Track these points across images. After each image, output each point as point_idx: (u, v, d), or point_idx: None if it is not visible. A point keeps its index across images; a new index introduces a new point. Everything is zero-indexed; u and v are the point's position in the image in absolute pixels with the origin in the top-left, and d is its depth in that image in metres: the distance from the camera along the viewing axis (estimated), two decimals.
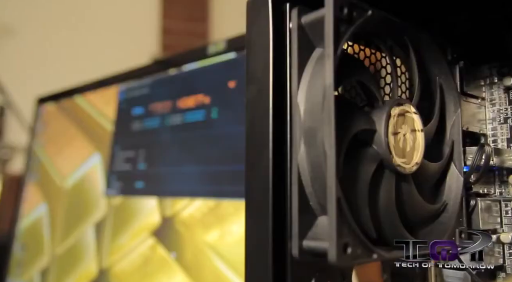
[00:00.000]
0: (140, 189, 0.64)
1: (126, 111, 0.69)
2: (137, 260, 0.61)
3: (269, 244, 0.24)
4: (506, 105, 0.34)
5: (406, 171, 0.27)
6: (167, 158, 0.62)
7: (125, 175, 0.67)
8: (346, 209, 0.22)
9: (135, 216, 0.64)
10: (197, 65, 0.61)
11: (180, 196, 0.59)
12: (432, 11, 0.29)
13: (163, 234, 0.59)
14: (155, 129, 0.65)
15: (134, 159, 0.66)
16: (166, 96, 0.64)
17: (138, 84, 0.69)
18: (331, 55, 0.23)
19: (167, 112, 0.64)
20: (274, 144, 0.24)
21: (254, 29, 0.26)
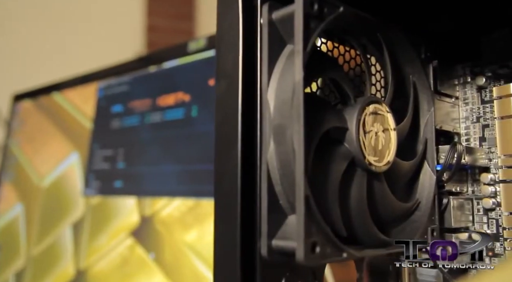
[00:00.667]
0: (119, 188, 0.63)
1: (105, 109, 0.68)
2: (115, 260, 0.60)
3: (237, 244, 0.23)
4: (478, 104, 0.34)
5: (378, 169, 0.27)
6: (147, 156, 0.61)
7: (103, 174, 0.66)
8: (314, 207, 0.22)
9: (113, 216, 0.63)
10: (177, 62, 0.60)
11: (159, 196, 0.58)
12: (406, 10, 0.29)
13: (142, 234, 0.58)
14: (135, 128, 0.64)
15: (113, 158, 0.65)
16: (146, 94, 0.63)
17: (117, 81, 0.67)
18: (301, 51, 0.22)
19: (147, 110, 0.63)
20: (243, 141, 0.24)
21: (224, 24, 0.25)
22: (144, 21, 1.62)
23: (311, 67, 0.25)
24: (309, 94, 0.26)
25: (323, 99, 0.27)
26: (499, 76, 0.32)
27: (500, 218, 0.31)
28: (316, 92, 0.28)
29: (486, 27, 0.30)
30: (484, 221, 0.33)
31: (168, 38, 1.61)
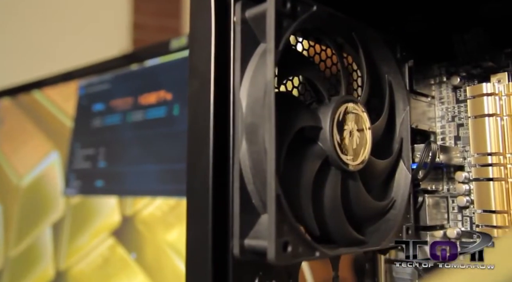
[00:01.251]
0: (100, 188, 0.63)
1: (86, 108, 0.67)
2: (96, 261, 0.60)
3: (209, 243, 0.23)
4: (454, 104, 0.34)
5: (352, 168, 0.27)
6: (128, 155, 0.61)
7: (84, 173, 0.65)
8: (286, 206, 0.22)
9: (94, 216, 0.62)
10: (159, 60, 0.60)
11: (141, 195, 0.57)
12: (380, 10, 0.29)
13: (123, 234, 0.58)
14: (116, 126, 0.63)
15: (94, 157, 0.64)
16: (127, 92, 0.63)
17: (98, 79, 0.66)
18: (272, 50, 0.22)
19: (128, 109, 0.62)
20: (215, 140, 0.23)
21: (197, 23, 0.25)
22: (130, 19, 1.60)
23: (284, 66, 0.25)
24: (282, 93, 0.26)
25: (296, 98, 0.27)
26: (473, 76, 0.33)
27: (473, 215, 0.32)
28: (292, 91, 0.28)
29: (460, 27, 0.30)
30: (458, 219, 0.33)
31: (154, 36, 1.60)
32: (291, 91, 0.28)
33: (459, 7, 0.29)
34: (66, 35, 1.37)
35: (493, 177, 0.29)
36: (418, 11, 0.30)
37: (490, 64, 0.31)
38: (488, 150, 0.30)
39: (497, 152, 0.29)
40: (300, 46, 0.29)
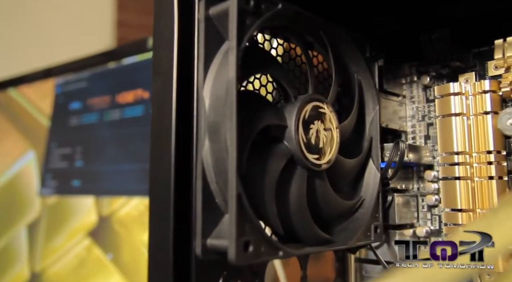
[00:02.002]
0: (77, 188, 0.62)
1: (63, 106, 0.66)
2: (72, 262, 0.59)
3: (170, 243, 0.23)
4: (424, 103, 0.34)
5: (318, 167, 0.27)
6: (105, 155, 0.60)
7: (61, 173, 0.64)
8: (247, 205, 0.22)
9: (70, 216, 0.61)
10: (137, 59, 0.59)
11: (118, 195, 0.57)
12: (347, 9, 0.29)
13: (100, 234, 0.57)
14: (93, 125, 0.62)
15: (70, 156, 0.63)
16: (105, 90, 0.62)
17: (75, 77, 0.65)
18: (234, 47, 0.22)
19: (106, 107, 0.61)
20: (177, 139, 0.23)
21: (160, 20, 0.25)
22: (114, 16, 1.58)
23: (249, 64, 0.25)
24: (246, 92, 0.26)
25: (261, 96, 0.27)
26: (442, 76, 0.33)
27: (442, 214, 0.32)
28: (259, 89, 0.28)
29: (427, 27, 0.30)
30: (428, 218, 0.34)
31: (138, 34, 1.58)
32: (258, 89, 0.28)
33: (425, 8, 0.29)
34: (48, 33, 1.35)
35: (460, 176, 0.30)
36: (385, 11, 0.30)
37: (457, 64, 0.31)
38: (455, 149, 0.30)
39: (463, 151, 0.30)
40: (268, 45, 0.29)
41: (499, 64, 0.29)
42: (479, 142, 0.29)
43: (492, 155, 0.29)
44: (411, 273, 0.18)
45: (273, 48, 0.29)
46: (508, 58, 0.28)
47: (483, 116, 0.29)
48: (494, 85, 0.29)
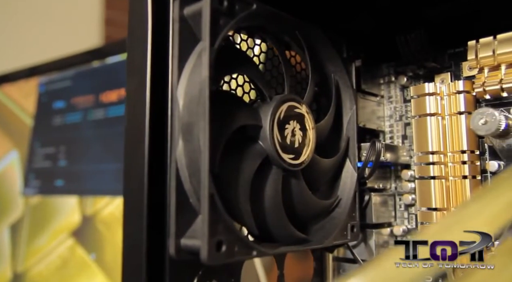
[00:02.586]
0: (60, 188, 0.61)
1: (46, 105, 0.65)
2: (55, 262, 0.58)
3: (143, 243, 0.23)
4: (401, 103, 0.35)
5: (294, 167, 0.27)
6: (89, 154, 0.59)
7: (44, 172, 0.63)
8: (221, 205, 0.22)
9: (54, 216, 0.60)
10: (121, 58, 0.59)
11: (101, 194, 0.56)
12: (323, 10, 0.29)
13: (83, 234, 0.57)
14: (77, 125, 0.62)
15: (54, 156, 0.63)
16: (89, 89, 0.61)
17: (59, 76, 0.65)
18: (207, 48, 0.22)
19: (90, 107, 0.61)
20: (151, 139, 0.23)
21: (134, 20, 0.25)
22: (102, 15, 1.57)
23: (223, 64, 0.25)
24: (221, 91, 0.26)
25: (236, 96, 0.27)
26: (419, 76, 0.34)
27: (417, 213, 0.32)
28: (236, 89, 0.28)
29: (403, 28, 0.30)
30: (405, 217, 0.34)
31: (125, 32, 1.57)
32: (235, 89, 0.28)
33: (401, 9, 0.30)
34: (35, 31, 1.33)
35: (434, 175, 0.30)
36: (361, 12, 0.30)
37: (433, 65, 0.32)
38: (430, 149, 0.30)
39: (438, 150, 0.30)
40: (245, 45, 0.29)
41: (472, 65, 0.29)
42: (454, 141, 0.30)
43: (466, 154, 0.29)
44: (378, 270, 0.18)
45: (250, 48, 0.29)
46: (481, 59, 0.28)
47: (457, 116, 0.30)
48: (468, 85, 0.30)
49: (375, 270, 0.19)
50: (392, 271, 0.19)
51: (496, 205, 0.20)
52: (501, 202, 0.20)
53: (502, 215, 0.20)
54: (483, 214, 0.20)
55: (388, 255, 0.19)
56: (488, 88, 0.29)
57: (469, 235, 0.20)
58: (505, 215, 0.20)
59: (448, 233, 0.20)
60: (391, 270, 0.19)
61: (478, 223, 0.20)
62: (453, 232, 0.20)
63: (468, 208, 0.21)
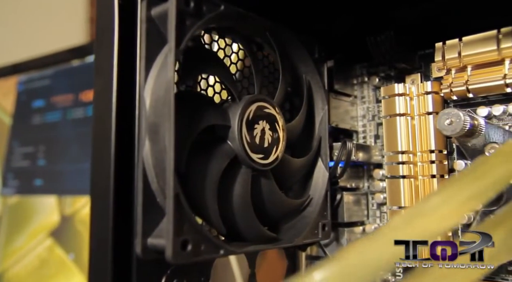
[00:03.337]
0: (39, 187, 0.61)
1: (25, 104, 0.65)
2: (33, 262, 0.58)
3: (109, 242, 0.23)
4: (374, 103, 0.35)
5: (263, 166, 0.27)
6: (68, 154, 0.59)
7: (23, 172, 0.62)
8: (186, 205, 0.22)
9: (32, 216, 0.60)
10: None
11: (81, 194, 0.56)
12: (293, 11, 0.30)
13: (62, 234, 0.56)
14: (56, 124, 0.61)
15: (33, 155, 0.62)
16: (68, 88, 0.61)
17: (38, 75, 0.64)
18: (173, 48, 0.22)
19: (69, 106, 0.60)
20: (118, 139, 0.23)
21: (102, 19, 0.25)
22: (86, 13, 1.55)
23: (191, 64, 0.25)
24: (189, 92, 0.26)
25: (204, 96, 0.27)
26: (391, 77, 0.34)
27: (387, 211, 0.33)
28: (206, 89, 0.28)
29: (373, 29, 0.31)
30: (377, 215, 0.35)
31: None
32: (206, 89, 0.28)
33: (371, 10, 0.30)
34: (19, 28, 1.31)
35: (404, 175, 0.31)
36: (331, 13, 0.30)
37: (403, 66, 0.32)
38: (399, 149, 0.31)
39: (408, 150, 0.31)
40: (216, 45, 0.29)
41: (440, 66, 0.30)
42: (422, 141, 0.30)
43: (434, 154, 0.30)
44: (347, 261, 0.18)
45: (221, 49, 0.29)
46: (448, 61, 0.29)
47: (425, 116, 0.30)
48: (436, 86, 0.30)
49: (340, 262, 0.19)
50: (355, 263, 0.19)
51: (457, 199, 0.20)
52: (463, 195, 0.20)
53: (462, 207, 0.20)
54: (444, 207, 0.20)
55: (353, 248, 0.20)
56: (454, 89, 0.29)
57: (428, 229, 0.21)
58: (466, 208, 0.21)
59: (409, 225, 0.20)
60: (355, 262, 0.19)
61: (439, 216, 0.20)
62: (414, 224, 0.20)
63: (429, 201, 0.21)
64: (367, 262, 0.19)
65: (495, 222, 0.22)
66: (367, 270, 0.19)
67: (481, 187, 0.20)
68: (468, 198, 0.20)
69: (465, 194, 0.20)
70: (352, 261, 0.19)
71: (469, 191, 0.20)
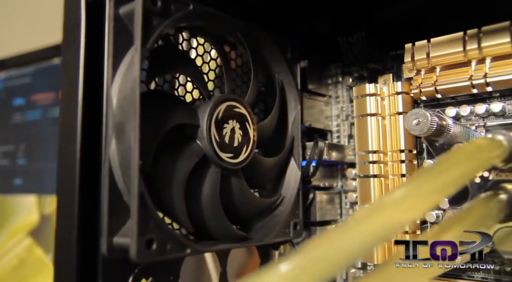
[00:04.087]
0: (19, 186, 0.60)
1: (5, 102, 0.64)
2: (12, 262, 0.57)
3: (74, 241, 0.23)
4: (348, 103, 0.36)
5: (233, 166, 0.27)
6: (49, 152, 0.58)
7: (2, 171, 0.62)
8: (151, 204, 0.22)
9: (11, 215, 0.59)
10: None
11: None
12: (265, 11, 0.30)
13: (41, 233, 0.56)
14: (37, 122, 0.61)
15: (13, 154, 0.62)
16: (49, 86, 0.61)
17: (19, 73, 0.63)
18: (139, 48, 0.22)
19: (50, 104, 0.60)
20: (83, 138, 0.23)
21: (69, 17, 0.24)
22: None
23: (160, 63, 0.25)
24: (157, 91, 0.26)
25: (173, 95, 0.27)
26: (363, 77, 0.34)
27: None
28: (177, 88, 0.28)
29: (345, 30, 0.31)
30: (350, 214, 0.35)
31: None
32: (177, 89, 0.28)
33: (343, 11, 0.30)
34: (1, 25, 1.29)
35: (375, 174, 0.31)
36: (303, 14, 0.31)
37: (374, 66, 0.32)
38: (370, 148, 0.31)
39: (378, 150, 0.31)
40: (188, 45, 0.29)
41: (409, 67, 0.30)
42: (393, 141, 0.31)
43: (404, 153, 0.30)
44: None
45: (193, 48, 0.29)
46: (417, 62, 0.29)
47: (396, 116, 0.31)
48: (406, 87, 0.31)
49: (305, 254, 0.19)
50: (321, 255, 0.19)
51: (420, 193, 0.21)
52: (425, 189, 0.21)
53: (424, 201, 0.21)
54: (407, 200, 0.21)
55: (318, 240, 0.20)
56: (423, 90, 0.30)
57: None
58: (428, 201, 0.21)
59: (372, 217, 0.21)
60: (320, 254, 0.19)
61: (401, 208, 0.20)
62: (376, 216, 0.21)
63: (393, 195, 0.21)
64: (332, 253, 0.19)
65: (455, 219, 0.22)
66: (332, 261, 0.19)
67: (443, 182, 0.21)
68: (430, 192, 0.21)
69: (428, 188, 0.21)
70: (317, 253, 0.19)
71: (431, 186, 0.21)
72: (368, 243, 0.19)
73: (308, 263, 0.19)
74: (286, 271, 0.18)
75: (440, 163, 0.22)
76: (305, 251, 0.19)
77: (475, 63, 0.28)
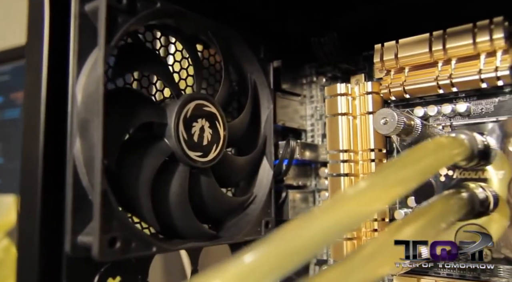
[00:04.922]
0: None
1: None
2: None
3: (36, 240, 0.22)
4: (322, 103, 0.36)
5: (202, 164, 0.27)
6: None
7: None
8: (115, 202, 0.22)
9: None
10: None
11: None
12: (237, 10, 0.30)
13: None
14: (16, 121, 0.60)
15: None
16: None
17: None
18: (103, 45, 0.22)
19: None
20: (47, 136, 0.23)
21: (33, 13, 0.24)
22: None
23: (127, 61, 0.25)
24: (124, 89, 0.26)
25: (140, 94, 0.27)
26: (337, 77, 0.35)
27: None
28: (147, 87, 0.28)
29: (316, 31, 0.31)
30: None
31: None
32: (147, 87, 0.28)
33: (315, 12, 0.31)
34: None
35: (346, 173, 0.31)
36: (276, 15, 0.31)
37: (346, 66, 0.33)
38: (341, 147, 0.31)
39: (349, 149, 0.31)
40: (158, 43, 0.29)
41: (379, 67, 0.30)
42: (363, 140, 0.31)
43: (374, 152, 0.31)
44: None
45: (163, 46, 0.29)
46: (386, 62, 0.30)
47: (366, 116, 0.31)
48: (376, 87, 0.31)
49: (270, 244, 0.19)
50: (285, 245, 0.19)
51: (382, 185, 0.21)
52: (387, 182, 0.21)
53: (386, 193, 0.21)
54: (369, 192, 0.21)
55: (283, 230, 0.20)
56: (392, 90, 0.30)
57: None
58: (390, 194, 0.21)
59: (336, 208, 0.21)
60: (285, 244, 0.19)
61: (363, 200, 0.21)
62: (340, 207, 0.21)
63: (356, 187, 0.22)
64: (296, 243, 0.19)
65: (418, 213, 0.23)
66: (297, 251, 0.19)
67: (404, 175, 0.21)
68: (392, 185, 0.21)
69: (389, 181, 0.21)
70: (282, 243, 0.19)
71: (393, 179, 0.21)
72: (333, 232, 0.20)
73: (272, 253, 0.19)
74: (251, 262, 0.18)
75: (403, 158, 0.22)
76: (269, 241, 0.19)
77: (441, 64, 0.28)
